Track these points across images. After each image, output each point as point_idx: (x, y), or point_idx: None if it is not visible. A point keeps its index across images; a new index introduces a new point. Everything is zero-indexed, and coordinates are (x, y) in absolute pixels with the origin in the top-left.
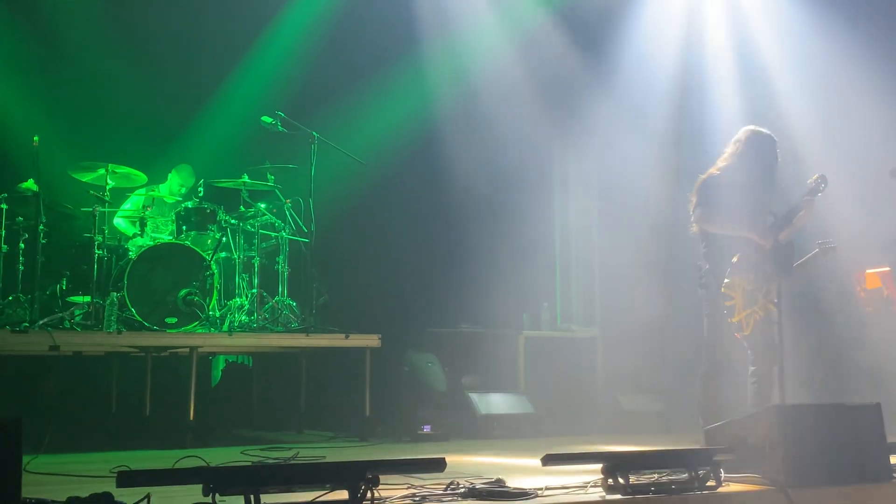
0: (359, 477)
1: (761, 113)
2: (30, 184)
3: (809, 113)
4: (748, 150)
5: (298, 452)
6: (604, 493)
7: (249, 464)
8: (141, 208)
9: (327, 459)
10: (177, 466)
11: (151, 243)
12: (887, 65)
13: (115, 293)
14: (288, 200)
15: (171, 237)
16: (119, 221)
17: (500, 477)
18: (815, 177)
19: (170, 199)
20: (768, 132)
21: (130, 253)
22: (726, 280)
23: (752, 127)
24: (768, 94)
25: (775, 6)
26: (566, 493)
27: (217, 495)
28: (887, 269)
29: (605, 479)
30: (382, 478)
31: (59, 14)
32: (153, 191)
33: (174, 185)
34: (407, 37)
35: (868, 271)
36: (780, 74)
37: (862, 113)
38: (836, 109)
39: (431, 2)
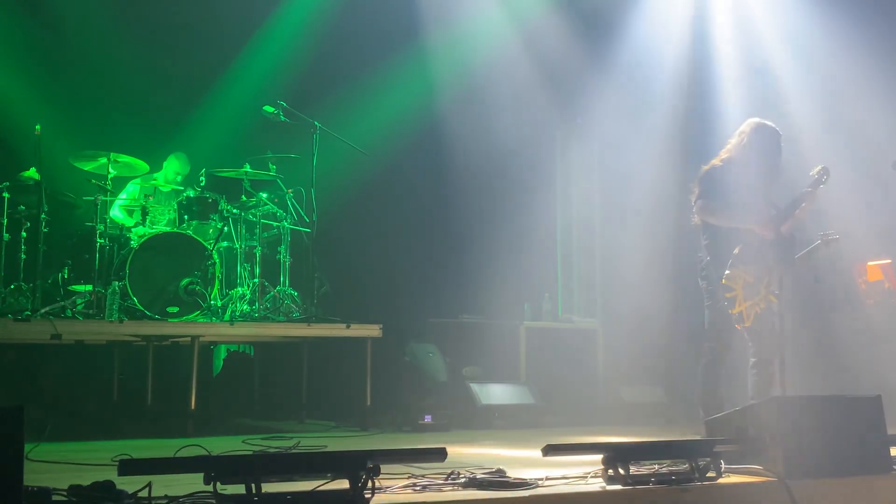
0: (360, 466)
1: (765, 105)
2: (31, 172)
3: (812, 105)
4: (752, 141)
5: (300, 442)
6: (604, 484)
7: (251, 453)
8: (137, 198)
9: (328, 449)
10: (178, 455)
11: (153, 233)
12: (890, 58)
13: (116, 282)
14: (290, 190)
15: (172, 227)
16: (116, 213)
17: (501, 467)
18: (817, 169)
19: (165, 188)
20: (772, 124)
21: (132, 242)
22: (727, 272)
23: (756, 119)
24: (771, 86)
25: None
26: (566, 484)
27: (218, 484)
28: (888, 261)
29: (605, 470)
30: (383, 467)
31: (61, 2)
32: (150, 180)
33: (169, 174)
34: (409, 27)
35: (869, 263)
36: (784, 66)
37: (864, 105)
38: (838, 102)
39: None
